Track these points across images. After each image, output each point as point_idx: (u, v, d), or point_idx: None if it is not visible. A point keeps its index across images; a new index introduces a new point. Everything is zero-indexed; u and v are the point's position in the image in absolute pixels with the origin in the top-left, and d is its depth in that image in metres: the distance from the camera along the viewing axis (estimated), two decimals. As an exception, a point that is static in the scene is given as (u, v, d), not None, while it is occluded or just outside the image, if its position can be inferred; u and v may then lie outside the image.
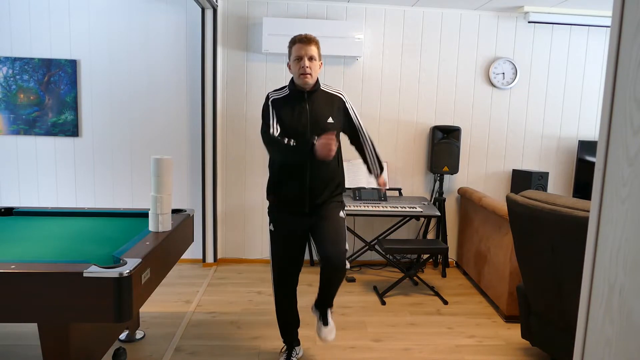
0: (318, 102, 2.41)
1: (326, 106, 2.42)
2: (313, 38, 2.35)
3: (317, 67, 2.37)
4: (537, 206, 2.39)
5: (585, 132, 4.48)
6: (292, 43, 2.36)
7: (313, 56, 2.33)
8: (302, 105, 2.38)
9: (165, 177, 2.37)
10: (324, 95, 2.44)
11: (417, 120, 4.38)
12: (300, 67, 2.32)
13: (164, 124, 4.21)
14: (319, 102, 2.41)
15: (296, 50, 2.33)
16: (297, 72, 2.34)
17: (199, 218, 4.26)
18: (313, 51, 2.33)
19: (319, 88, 2.44)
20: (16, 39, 4.02)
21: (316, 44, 2.35)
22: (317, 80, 2.42)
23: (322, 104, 2.41)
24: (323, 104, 2.41)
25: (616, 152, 0.88)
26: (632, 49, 0.84)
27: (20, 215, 2.86)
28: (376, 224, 4.49)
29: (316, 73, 2.38)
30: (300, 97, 2.40)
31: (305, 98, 2.39)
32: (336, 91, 2.49)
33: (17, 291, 1.79)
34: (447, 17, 4.25)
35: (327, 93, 2.46)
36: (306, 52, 2.31)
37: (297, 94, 2.41)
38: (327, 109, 2.41)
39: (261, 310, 3.39)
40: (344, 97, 2.50)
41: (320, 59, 2.39)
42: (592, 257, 0.95)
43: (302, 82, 2.35)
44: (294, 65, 2.35)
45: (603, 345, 0.90)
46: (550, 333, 2.57)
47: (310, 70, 2.32)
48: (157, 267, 2.19)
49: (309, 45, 2.32)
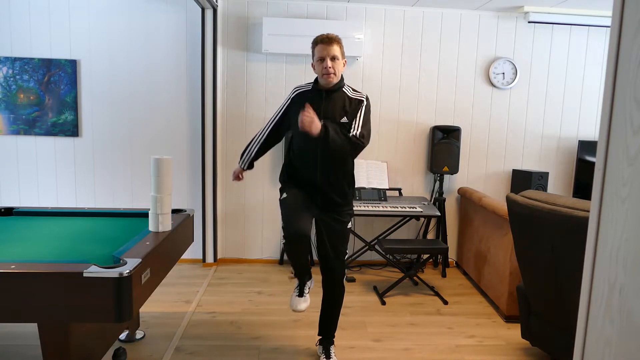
0: (335, 101, 2.41)
1: (343, 106, 2.42)
2: (335, 37, 2.36)
3: (341, 66, 2.39)
4: (537, 206, 2.39)
5: (585, 132, 4.48)
6: (315, 44, 2.38)
7: (335, 56, 2.34)
8: (318, 103, 2.39)
9: (165, 177, 2.37)
10: (345, 97, 2.43)
11: (417, 120, 4.38)
12: (323, 67, 2.34)
13: (164, 124, 4.21)
14: (336, 102, 2.41)
15: (319, 51, 2.35)
16: (320, 72, 2.37)
17: (199, 218, 4.25)
18: (335, 51, 2.34)
19: (340, 88, 2.43)
20: (16, 39, 4.02)
21: (338, 43, 2.37)
22: (341, 79, 2.44)
23: (340, 104, 2.41)
24: (340, 104, 2.42)
25: (616, 152, 0.88)
26: (632, 49, 0.84)
27: (20, 215, 2.86)
28: (376, 224, 4.49)
29: (340, 72, 2.39)
30: (318, 95, 2.42)
31: (322, 96, 2.41)
32: (359, 95, 2.47)
33: (17, 291, 1.79)
34: (447, 17, 4.25)
35: (349, 96, 2.45)
36: (328, 53, 2.33)
37: (316, 92, 2.43)
38: (344, 109, 2.41)
39: (261, 310, 3.39)
40: (365, 100, 2.46)
41: (344, 57, 2.41)
42: (592, 257, 0.95)
43: (326, 81, 2.38)
44: (317, 66, 2.38)
45: (603, 345, 0.90)
46: (550, 333, 2.57)
47: (333, 69, 2.35)
48: (157, 267, 2.19)
49: (331, 45, 2.33)
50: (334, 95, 2.42)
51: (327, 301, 2.64)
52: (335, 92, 2.42)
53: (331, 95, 2.42)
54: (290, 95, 2.52)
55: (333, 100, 2.41)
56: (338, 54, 2.35)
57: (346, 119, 2.40)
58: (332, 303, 2.63)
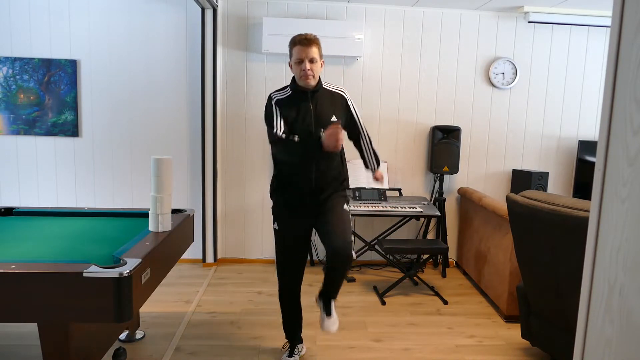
0: (321, 101, 2.43)
1: (330, 105, 2.43)
2: (313, 39, 2.34)
3: (319, 67, 2.38)
4: (537, 206, 2.39)
5: (585, 132, 4.48)
6: (292, 44, 2.36)
7: (314, 58, 2.33)
8: (306, 105, 2.39)
9: (165, 177, 2.37)
10: (327, 94, 2.46)
11: (417, 120, 4.38)
12: (301, 69, 2.33)
13: (164, 124, 4.21)
14: (323, 101, 2.43)
15: (296, 52, 2.33)
16: (299, 75, 2.36)
17: (199, 218, 4.25)
18: (314, 53, 2.32)
19: (321, 87, 2.45)
20: (16, 39, 4.02)
21: (317, 45, 2.35)
22: (319, 79, 2.44)
23: (326, 102, 2.43)
24: (327, 102, 2.43)
25: (616, 152, 0.88)
26: (632, 49, 0.84)
27: (20, 215, 2.86)
28: (376, 224, 4.49)
29: (318, 73, 2.39)
30: (303, 96, 2.41)
31: (309, 98, 2.41)
32: (338, 89, 2.51)
33: (17, 291, 1.79)
34: (447, 17, 4.25)
35: (330, 91, 2.47)
36: (307, 55, 2.31)
37: (300, 94, 2.42)
38: (331, 107, 2.43)
39: (261, 310, 3.39)
40: (346, 95, 2.52)
41: (322, 58, 2.40)
42: (592, 257, 0.95)
43: (304, 83, 2.37)
44: (295, 67, 2.37)
45: (603, 345, 0.90)
46: (550, 333, 2.57)
47: (312, 72, 2.34)
48: (157, 267, 2.19)
49: (309, 47, 2.31)
50: (319, 94, 2.43)
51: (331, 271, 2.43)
52: (318, 91, 2.43)
53: (316, 96, 2.42)
54: (272, 102, 2.42)
55: (320, 100, 2.42)
56: (316, 56, 2.34)
57: (335, 117, 2.42)
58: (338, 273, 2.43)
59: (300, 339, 2.73)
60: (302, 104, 2.39)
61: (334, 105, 2.45)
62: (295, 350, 2.67)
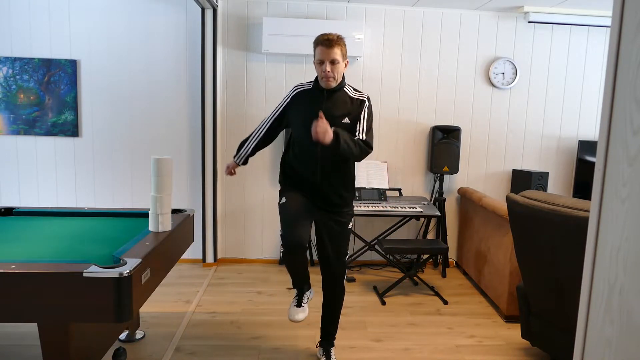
0: (336, 102, 2.39)
1: (344, 107, 2.40)
2: (335, 40, 2.30)
3: (341, 68, 2.36)
4: (537, 206, 2.39)
5: (585, 132, 4.48)
6: (316, 44, 2.34)
7: (335, 59, 2.30)
8: (319, 104, 2.38)
9: (165, 177, 2.37)
10: (346, 97, 2.42)
11: (417, 120, 4.38)
12: (322, 71, 2.32)
13: (164, 124, 4.21)
14: (337, 102, 2.39)
15: (319, 53, 2.32)
16: (320, 75, 2.36)
17: (199, 218, 4.25)
18: (335, 54, 2.30)
19: (341, 88, 2.42)
20: (16, 39, 4.02)
21: (339, 45, 2.32)
22: (343, 79, 2.41)
23: (341, 104, 2.40)
24: (341, 104, 2.40)
25: (616, 152, 0.88)
26: (632, 49, 0.84)
27: (20, 215, 2.86)
28: (376, 224, 4.49)
29: (339, 75, 2.37)
30: (319, 95, 2.40)
31: (324, 96, 2.39)
32: (360, 95, 2.46)
33: (17, 291, 1.79)
34: (447, 17, 4.25)
35: (350, 96, 2.43)
36: (328, 56, 2.29)
37: (317, 92, 2.41)
38: (345, 109, 2.39)
39: (261, 310, 3.39)
40: (367, 100, 2.45)
41: (346, 58, 2.37)
42: (592, 257, 0.95)
43: (325, 84, 2.37)
44: (317, 67, 2.36)
45: (603, 345, 0.90)
46: (550, 333, 2.57)
47: (332, 74, 2.32)
48: (157, 267, 2.19)
49: (331, 49, 2.29)
50: (336, 95, 2.41)
51: (327, 302, 2.64)
52: (336, 92, 2.41)
53: (333, 95, 2.40)
54: (291, 94, 2.50)
55: (335, 101, 2.39)
56: (339, 57, 2.31)
57: (347, 119, 2.39)
58: (333, 304, 2.63)
59: (309, 284, 2.59)
60: (315, 102, 2.38)
61: (350, 108, 2.40)
62: (303, 299, 2.54)
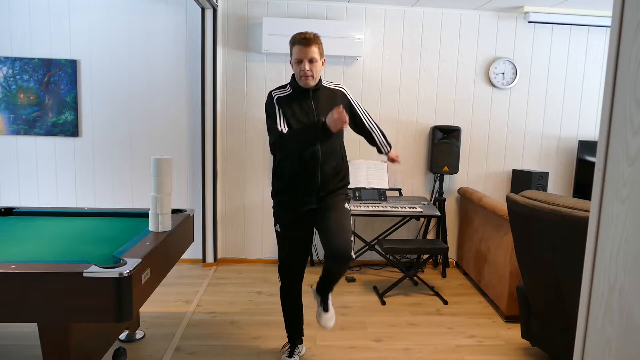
0: (323, 99, 2.43)
1: (331, 102, 2.42)
2: (312, 38, 2.32)
3: (319, 66, 2.37)
4: (537, 206, 2.39)
5: (585, 132, 4.48)
6: (292, 43, 2.35)
7: (313, 58, 2.31)
8: (308, 104, 2.39)
9: (165, 177, 2.37)
10: (328, 92, 2.46)
11: (417, 120, 4.38)
12: (301, 70, 2.32)
13: (164, 124, 4.21)
14: (324, 99, 2.43)
15: (296, 52, 2.32)
16: (298, 74, 2.36)
17: (199, 218, 4.25)
18: (313, 53, 2.31)
19: (321, 85, 2.45)
20: (16, 39, 4.02)
21: (317, 44, 2.33)
22: (320, 78, 2.44)
23: (327, 100, 2.43)
24: (328, 100, 2.43)
25: (616, 152, 0.88)
26: (632, 49, 0.84)
27: (20, 215, 2.86)
28: (376, 224, 4.49)
29: (318, 73, 2.38)
30: (304, 95, 2.41)
31: (310, 96, 2.40)
32: (338, 86, 2.52)
33: (17, 291, 1.78)
34: (447, 17, 4.25)
35: (329, 89, 2.48)
36: (306, 55, 2.30)
37: (301, 93, 2.41)
38: (332, 104, 2.41)
39: (261, 310, 3.39)
40: (346, 91, 2.52)
41: (323, 56, 2.38)
42: (592, 257, 0.95)
43: (304, 83, 2.37)
44: (295, 67, 2.36)
45: (603, 345, 0.90)
46: (550, 333, 2.57)
47: (312, 72, 2.33)
48: (157, 267, 2.19)
49: (309, 47, 2.29)
50: (319, 92, 2.43)
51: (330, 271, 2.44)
52: (319, 89, 2.44)
53: (317, 93, 2.43)
54: (273, 100, 2.42)
55: (322, 98, 2.42)
56: (316, 56, 2.32)
57: None
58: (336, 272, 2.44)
59: (301, 339, 2.73)
60: (303, 102, 2.39)
61: (335, 102, 2.44)
62: (295, 351, 2.67)
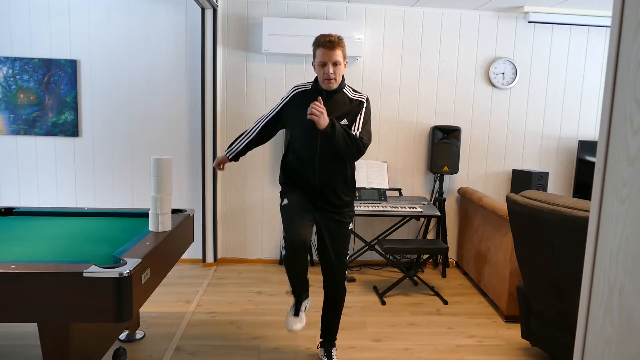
0: (335, 102, 2.39)
1: (343, 108, 2.40)
2: (337, 41, 2.30)
3: (342, 70, 2.36)
4: (537, 206, 2.39)
5: (585, 132, 4.48)
6: (317, 45, 2.33)
7: (337, 61, 2.31)
8: None
9: (165, 177, 2.37)
10: (345, 98, 2.42)
11: (417, 120, 4.38)
12: (325, 73, 2.32)
13: (164, 124, 4.21)
14: (336, 103, 2.39)
15: (320, 55, 2.31)
16: (322, 77, 2.35)
17: (199, 218, 4.25)
18: (338, 56, 2.30)
19: (341, 89, 2.42)
20: (16, 39, 4.02)
21: (341, 47, 2.32)
22: (342, 80, 2.42)
23: (340, 105, 2.40)
24: (340, 105, 2.40)
25: (616, 152, 0.88)
26: (632, 49, 0.84)
27: (20, 215, 2.86)
28: (376, 224, 4.49)
29: (340, 76, 2.37)
30: (319, 95, 2.38)
31: (323, 97, 2.38)
32: (359, 96, 2.45)
33: (17, 291, 1.78)
34: (447, 17, 4.25)
35: (349, 97, 2.43)
36: (330, 58, 2.29)
37: (317, 92, 2.41)
38: (344, 110, 2.39)
39: (261, 310, 3.39)
40: (365, 101, 2.45)
41: (346, 58, 2.37)
42: (592, 257, 0.95)
43: (326, 86, 2.37)
44: (318, 69, 2.35)
45: (603, 345, 0.90)
46: (550, 333, 2.57)
47: (335, 75, 2.32)
48: (157, 267, 2.19)
49: (333, 51, 2.28)
50: (335, 96, 2.41)
51: (328, 303, 2.63)
52: (336, 93, 2.41)
53: (332, 96, 2.40)
54: (290, 94, 2.49)
55: (334, 101, 2.39)
56: (340, 59, 2.31)
57: (346, 121, 2.39)
58: (334, 304, 2.62)
59: (307, 294, 2.56)
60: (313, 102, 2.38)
61: (349, 109, 2.40)
62: (301, 308, 2.51)
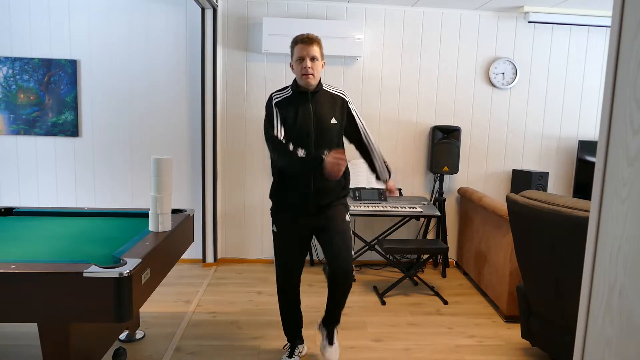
0: (321, 102, 2.42)
1: (329, 107, 2.42)
2: (315, 38, 2.35)
3: (320, 67, 2.38)
4: (537, 206, 2.39)
5: (585, 132, 4.48)
6: (294, 43, 2.36)
7: (315, 56, 2.33)
8: (306, 106, 2.39)
9: (165, 177, 2.37)
10: (327, 96, 2.45)
11: (417, 120, 4.38)
12: (302, 67, 2.33)
13: (164, 124, 4.21)
14: (323, 103, 2.42)
15: (298, 50, 2.34)
16: (299, 73, 2.36)
17: (199, 218, 4.25)
18: (315, 51, 2.33)
19: (321, 88, 2.44)
20: (16, 39, 4.02)
21: (318, 44, 2.35)
22: (319, 80, 2.44)
23: (326, 104, 2.42)
24: (326, 104, 2.42)
25: (616, 152, 0.88)
26: (632, 49, 0.84)
27: (20, 215, 2.86)
28: (376, 224, 4.49)
29: (318, 73, 2.38)
30: (303, 97, 2.40)
31: (308, 99, 2.40)
32: (339, 91, 2.50)
33: (17, 291, 1.78)
34: (447, 17, 4.25)
35: (330, 93, 2.47)
36: (308, 53, 2.31)
37: (300, 95, 2.41)
38: (331, 109, 2.42)
39: (261, 310, 3.39)
40: (347, 98, 2.51)
41: (323, 58, 2.40)
42: (592, 257, 0.95)
43: (305, 82, 2.36)
44: (296, 66, 2.36)
45: (603, 345, 0.90)
46: (550, 333, 2.57)
47: (313, 70, 2.33)
48: (157, 267, 2.19)
49: (311, 46, 2.32)
50: (318, 95, 2.42)
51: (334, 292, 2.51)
52: (318, 92, 2.43)
53: (316, 96, 2.42)
54: (272, 103, 2.42)
55: (320, 101, 2.41)
56: (318, 55, 2.34)
57: (335, 120, 2.41)
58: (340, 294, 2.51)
59: (301, 339, 2.73)
60: (301, 105, 2.39)
61: (334, 107, 2.44)
62: (295, 351, 2.66)
